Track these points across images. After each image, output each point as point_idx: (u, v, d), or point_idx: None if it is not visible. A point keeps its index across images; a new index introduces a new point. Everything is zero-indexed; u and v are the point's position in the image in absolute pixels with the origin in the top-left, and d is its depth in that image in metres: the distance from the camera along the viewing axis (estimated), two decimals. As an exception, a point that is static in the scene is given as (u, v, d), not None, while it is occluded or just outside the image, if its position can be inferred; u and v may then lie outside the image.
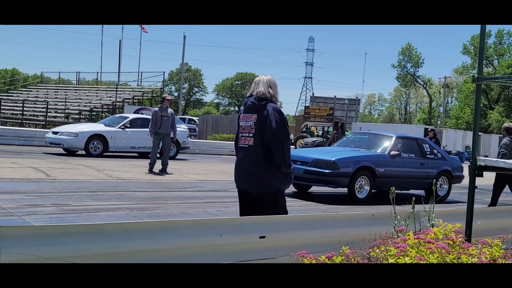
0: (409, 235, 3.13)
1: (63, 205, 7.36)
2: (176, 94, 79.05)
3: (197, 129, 31.74)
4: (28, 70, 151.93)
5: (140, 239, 3.33)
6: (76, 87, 42.09)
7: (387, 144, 11.17)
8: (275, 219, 4.22)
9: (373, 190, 10.56)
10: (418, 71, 72.81)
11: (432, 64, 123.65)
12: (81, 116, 33.63)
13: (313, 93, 63.84)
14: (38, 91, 41.70)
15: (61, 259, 2.89)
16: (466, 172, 6.85)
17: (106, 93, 36.90)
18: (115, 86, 36.95)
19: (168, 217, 6.94)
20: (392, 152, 10.81)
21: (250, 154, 4.51)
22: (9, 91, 46.64)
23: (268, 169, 4.46)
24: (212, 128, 29.94)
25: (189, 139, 19.42)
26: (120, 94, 35.18)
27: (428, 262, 2.74)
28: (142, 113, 27.22)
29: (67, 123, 30.40)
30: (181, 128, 19.08)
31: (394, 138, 11.27)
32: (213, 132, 28.90)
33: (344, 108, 48.57)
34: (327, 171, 9.87)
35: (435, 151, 11.94)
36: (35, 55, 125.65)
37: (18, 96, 39.94)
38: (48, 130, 19.71)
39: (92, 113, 34.26)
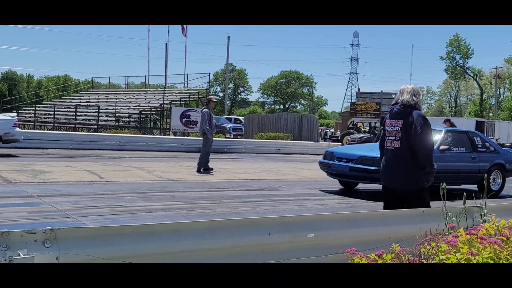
0: (459, 231, 3.06)
1: (116, 206, 7.59)
2: (221, 94, 79.75)
3: (243, 128, 31.94)
4: (80, 76, 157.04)
5: (190, 239, 3.38)
6: (125, 91, 43.17)
7: (436, 138, 10.90)
8: (324, 217, 4.21)
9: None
10: (467, 62, 70.51)
11: (482, 55, 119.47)
12: (131, 119, 34.46)
13: (359, 89, 62.82)
14: (89, 96, 43.08)
15: (116, 259, 2.98)
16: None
17: (154, 96, 37.64)
18: (163, 89, 37.60)
19: (217, 216, 7.05)
20: (442, 147, 10.55)
21: (397, 155, 4.98)
22: (62, 97, 48.37)
23: (413, 168, 4.90)
24: (258, 127, 29.99)
25: (18, 129, 14.54)
26: (167, 96, 35.78)
27: (479, 262, 2.68)
28: (189, 115, 27.70)
29: (118, 126, 31.34)
30: (6, 117, 14.93)
31: (443, 132, 11.00)
32: (259, 131, 28.96)
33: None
34: (373, 168, 9.69)
35: (487, 144, 11.59)
36: (86, 62, 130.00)
37: (71, 101, 41.40)
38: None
39: (141, 115, 35.05)
